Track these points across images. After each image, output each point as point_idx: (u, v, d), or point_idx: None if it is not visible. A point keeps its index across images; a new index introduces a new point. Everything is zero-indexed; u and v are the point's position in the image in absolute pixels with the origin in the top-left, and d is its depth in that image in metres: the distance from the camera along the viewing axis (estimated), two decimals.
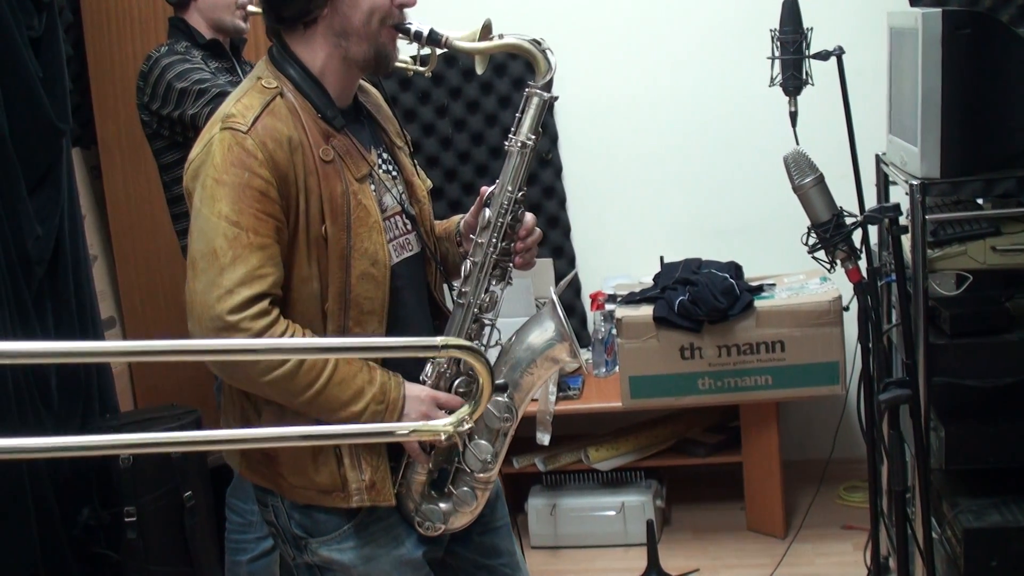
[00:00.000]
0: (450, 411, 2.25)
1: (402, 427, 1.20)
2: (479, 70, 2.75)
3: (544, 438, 4.15)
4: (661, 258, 4.52)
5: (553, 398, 4.23)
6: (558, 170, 4.81)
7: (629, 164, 4.78)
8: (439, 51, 2.34)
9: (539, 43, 2.30)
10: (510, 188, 2.30)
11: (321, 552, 2.28)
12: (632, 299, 4.27)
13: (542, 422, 4.15)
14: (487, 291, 2.32)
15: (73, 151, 4.14)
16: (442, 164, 4.81)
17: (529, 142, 2.30)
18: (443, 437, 1.29)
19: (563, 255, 4.83)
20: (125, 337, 4.54)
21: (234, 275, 2.05)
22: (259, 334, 2.06)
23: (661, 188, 4.76)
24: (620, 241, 4.84)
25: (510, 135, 2.32)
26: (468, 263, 2.32)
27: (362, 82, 2.38)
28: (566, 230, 4.85)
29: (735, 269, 4.25)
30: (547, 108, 2.32)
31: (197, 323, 2.08)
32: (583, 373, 2.25)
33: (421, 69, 3.28)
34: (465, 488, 2.34)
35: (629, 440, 4.44)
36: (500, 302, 2.34)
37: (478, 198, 2.36)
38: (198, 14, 3.43)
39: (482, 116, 4.79)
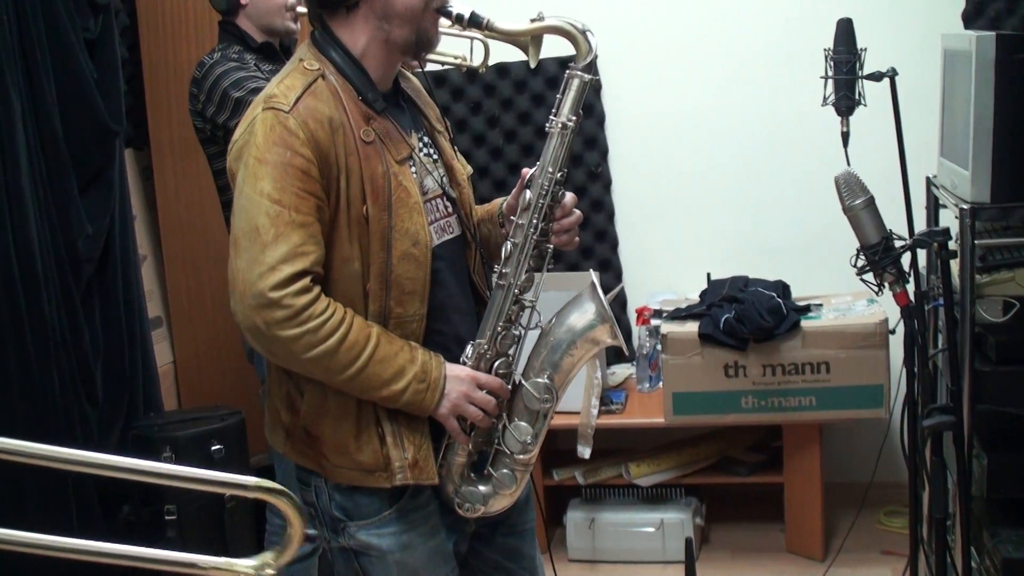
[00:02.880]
0: (490, 392, 2.27)
1: (208, 561, 1.23)
2: (532, 63, 2.75)
3: (585, 451, 4.13)
4: (708, 275, 4.50)
5: (595, 412, 4.22)
6: (607, 184, 4.81)
7: (679, 180, 4.76)
8: (487, 37, 2.33)
9: (580, 25, 2.29)
10: (551, 169, 2.29)
11: (359, 536, 2.28)
12: (678, 315, 4.25)
13: (583, 435, 4.14)
14: (527, 273, 2.31)
15: (126, 152, 4.19)
16: (492, 176, 4.81)
17: (570, 123, 2.29)
18: None
19: (610, 269, 4.82)
20: (171, 336, 4.58)
21: (276, 252, 2.07)
22: (301, 311, 2.07)
23: (710, 204, 4.74)
24: (667, 256, 4.82)
25: (551, 116, 2.31)
26: (508, 244, 2.31)
27: (403, 68, 2.39)
28: (613, 244, 4.84)
29: (782, 288, 4.22)
30: (588, 90, 2.31)
31: (240, 300, 2.10)
32: (621, 347, 2.25)
33: (475, 65, 3.31)
34: (505, 470, 2.33)
35: (670, 456, 4.42)
36: (540, 284, 2.34)
37: (519, 179, 2.36)
38: (248, 19, 3.45)
39: (532, 128, 4.79)
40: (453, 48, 3.66)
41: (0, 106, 3.34)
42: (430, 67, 3.06)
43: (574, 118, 2.30)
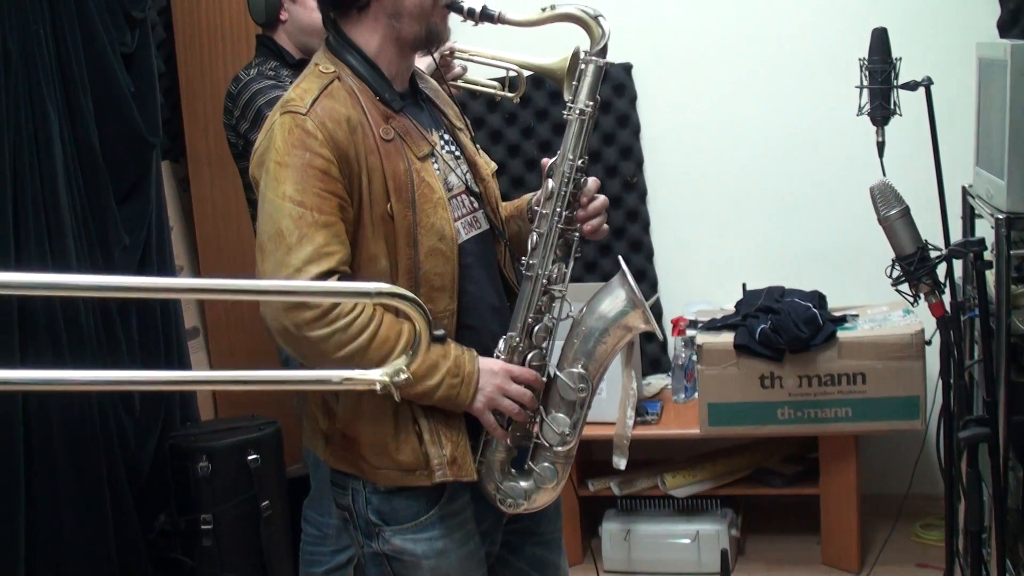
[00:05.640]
0: (525, 384, 2.27)
1: (335, 375, 1.19)
2: (567, 95, 2.76)
3: (620, 462, 4.10)
4: (743, 285, 4.49)
5: (631, 422, 4.18)
6: (642, 194, 4.80)
7: (714, 189, 4.75)
8: (521, 67, 2.33)
9: (592, 11, 2.30)
10: (571, 156, 2.30)
11: (394, 541, 2.29)
12: (713, 325, 4.24)
13: (619, 446, 4.10)
14: (554, 263, 2.30)
15: (162, 164, 4.22)
16: (528, 186, 4.81)
17: (588, 109, 2.30)
18: (377, 387, 1.27)
19: (645, 279, 4.82)
20: (208, 347, 4.61)
21: (301, 254, 2.08)
22: (329, 310, 2.08)
23: (745, 214, 4.73)
24: (703, 267, 4.81)
25: (568, 104, 2.32)
26: (534, 235, 2.31)
27: (419, 68, 2.41)
28: (649, 254, 4.83)
29: (818, 298, 4.21)
30: (603, 75, 2.32)
31: (268, 304, 2.13)
32: (655, 331, 2.24)
33: (510, 95, 3.32)
34: (545, 464, 2.32)
35: (706, 467, 4.41)
36: (569, 274, 2.33)
37: (541, 170, 2.35)
38: (286, 34, 3.47)
39: (550, 125, 4.79)
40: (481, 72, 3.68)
41: (38, 119, 3.37)
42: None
43: (592, 103, 2.31)
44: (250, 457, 3.68)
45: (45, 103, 3.39)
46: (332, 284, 2.04)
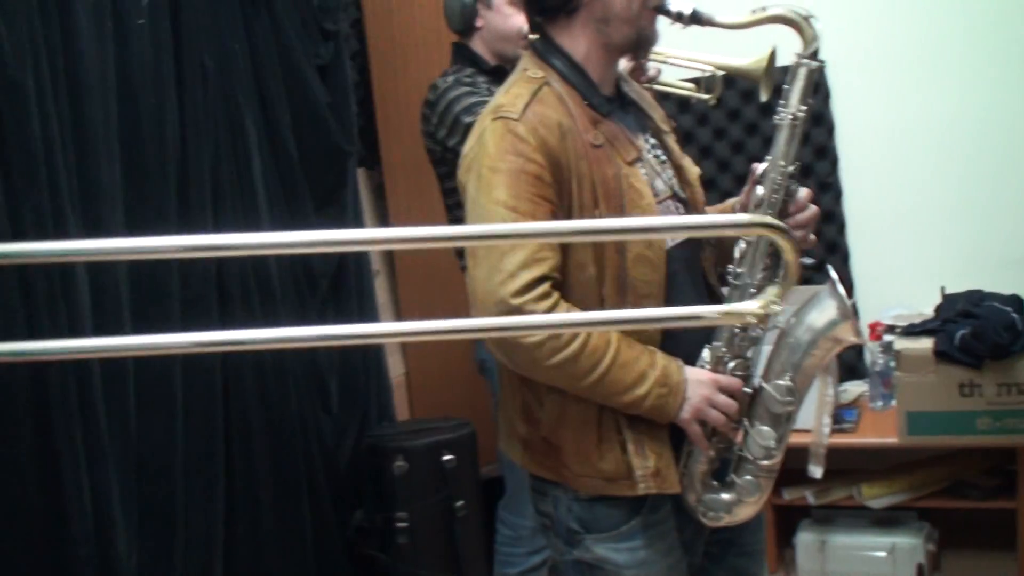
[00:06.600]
0: (730, 394, 2.23)
1: (710, 310, 1.16)
2: (764, 96, 2.72)
3: (816, 471, 4.03)
4: (942, 288, 4.35)
5: (827, 430, 4.11)
6: (838, 194, 4.70)
7: (912, 189, 4.61)
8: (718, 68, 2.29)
9: (803, 11, 2.24)
10: (782, 163, 2.24)
11: (596, 549, 2.28)
12: (912, 331, 4.11)
13: (815, 454, 4.03)
14: (763, 271, 2.26)
15: (358, 172, 4.32)
16: (720, 188, 4.77)
17: (800, 114, 2.24)
18: (754, 319, 1.25)
19: (841, 282, 4.70)
20: (404, 348, 4.70)
21: (515, 259, 2.08)
22: None
23: (944, 215, 4.57)
24: (901, 269, 4.67)
25: (779, 108, 2.26)
26: (742, 243, 2.26)
27: (622, 71, 2.39)
28: (844, 257, 4.72)
29: (1017, 303, 4.04)
30: (815, 78, 2.26)
31: (481, 309, 2.12)
32: (864, 344, 2.18)
33: (706, 97, 3.27)
34: (748, 477, 2.28)
35: (903, 478, 4.28)
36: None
37: (749, 177, 2.31)
38: (481, 41, 3.51)
39: (760, 139, 4.73)
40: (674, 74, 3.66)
41: (236, 133, 3.50)
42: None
43: (804, 108, 2.25)
44: (445, 457, 3.74)
45: (243, 117, 3.52)
46: (705, 217, 2.02)
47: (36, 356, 1.04)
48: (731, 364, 2.26)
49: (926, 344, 3.95)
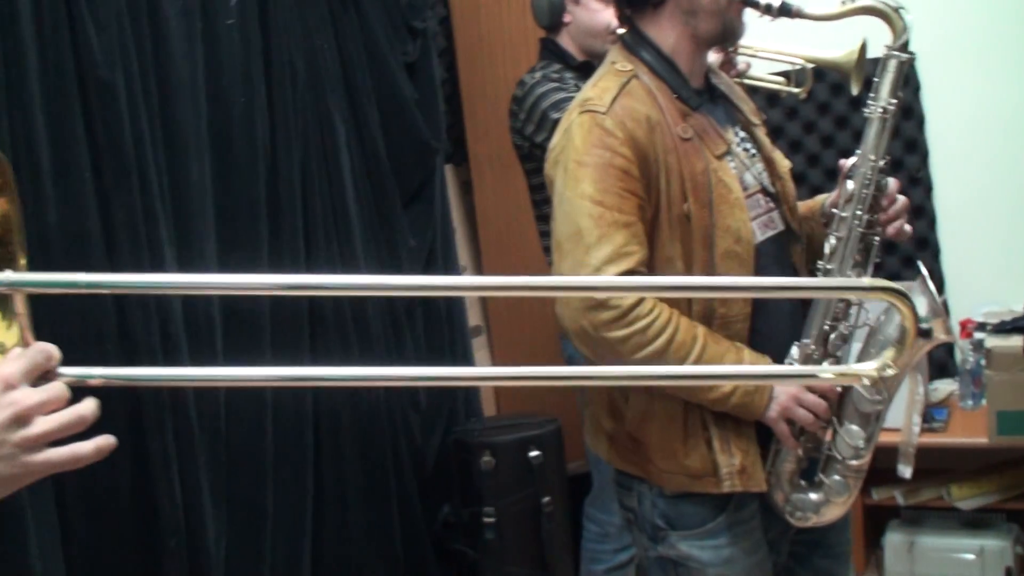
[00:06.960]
0: (819, 392, 2.20)
1: (825, 370, 1.16)
2: (855, 89, 2.69)
3: (906, 471, 3.98)
4: None
5: (917, 429, 4.06)
6: (928, 188, 4.63)
7: (1004, 183, 4.52)
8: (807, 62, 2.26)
9: (893, 3, 2.21)
10: (872, 157, 2.22)
11: (680, 546, 2.27)
12: (1003, 328, 4.04)
13: (904, 454, 3.98)
14: (853, 267, 2.23)
15: (446, 168, 4.35)
16: (810, 182, 4.72)
17: (891, 107, 2.22)
18: (867, 381, 1.24)
19: (932, 278, 4.62)
20: (491, 345, 4.71)
21: (600, 253, 2.08)
22: (628, 311, 2.07)
23: None
24: (992, 265, 4.58)
25: (869, 101, 2.24)
26: (832, 239, 2.24)
27: (711, 63, 2.38)
28: (935, 252, 4.65)
29: None
30: (905, 70, 2.23)
31: (566, 304, 2.12)
32: (954, 343, 2.14)
33: (796, 91, 3.24)
34: (837, 477, 2.26)
35: (993, 479, 4.20)
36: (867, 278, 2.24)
37: (839, 172, 2.29)
38: (569, 37, 3.52)
39: (850, 132, 4.68)
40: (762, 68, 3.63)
41: (325, 130, 3.54)
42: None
43: (894, 101, 2.22)
44: (532, 454, 3.75)
45: (332, 115, 3.56)
46: (820, 280, 2.04)
47: (133, 382, 1.08)
48: (822, 362, 2.23)
49: (1017, 342, 3.88)
